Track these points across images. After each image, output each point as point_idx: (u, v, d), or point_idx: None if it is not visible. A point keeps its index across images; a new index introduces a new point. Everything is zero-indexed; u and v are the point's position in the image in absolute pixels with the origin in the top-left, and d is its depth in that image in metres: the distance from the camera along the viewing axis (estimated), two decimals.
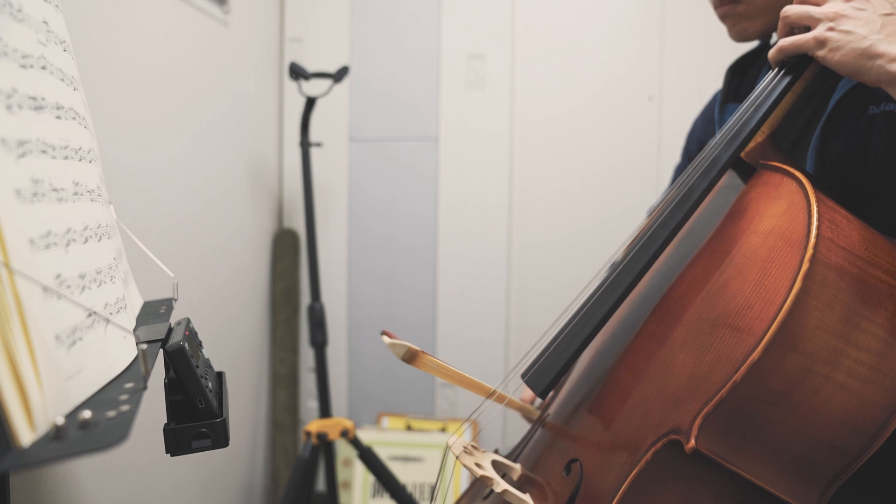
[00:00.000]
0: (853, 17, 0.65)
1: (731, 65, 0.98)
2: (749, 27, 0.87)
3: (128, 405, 0.43)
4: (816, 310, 0.57)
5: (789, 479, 0.60)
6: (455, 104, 1.84)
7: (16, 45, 0.46)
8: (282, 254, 1.87)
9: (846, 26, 0.64)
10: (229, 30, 1.59)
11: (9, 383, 0.37)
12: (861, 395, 0.58)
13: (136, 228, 0.71)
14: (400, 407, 1.92)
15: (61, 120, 0.51)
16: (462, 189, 1.85)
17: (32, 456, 0.37)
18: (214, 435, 0.54)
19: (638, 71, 1.76)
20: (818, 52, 0.66)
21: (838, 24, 0.65)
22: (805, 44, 0.67)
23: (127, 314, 0.57)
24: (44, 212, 0.44)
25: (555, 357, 0.72)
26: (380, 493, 1.76)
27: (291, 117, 1.92)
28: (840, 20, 0.65)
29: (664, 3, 1.74)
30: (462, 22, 1.83)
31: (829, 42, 0.65)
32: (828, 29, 0.65)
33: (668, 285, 0.73)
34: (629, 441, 0.65)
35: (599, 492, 0.66)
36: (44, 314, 0.41)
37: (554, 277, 1.82)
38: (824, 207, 0.61)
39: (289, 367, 1.87)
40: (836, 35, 0.64)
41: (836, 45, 0.64)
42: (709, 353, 0.61)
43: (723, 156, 0.70)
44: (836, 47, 0.64)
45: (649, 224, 0.73)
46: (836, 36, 0.64)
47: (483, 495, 0.82)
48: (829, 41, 0.65)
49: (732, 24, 0.88)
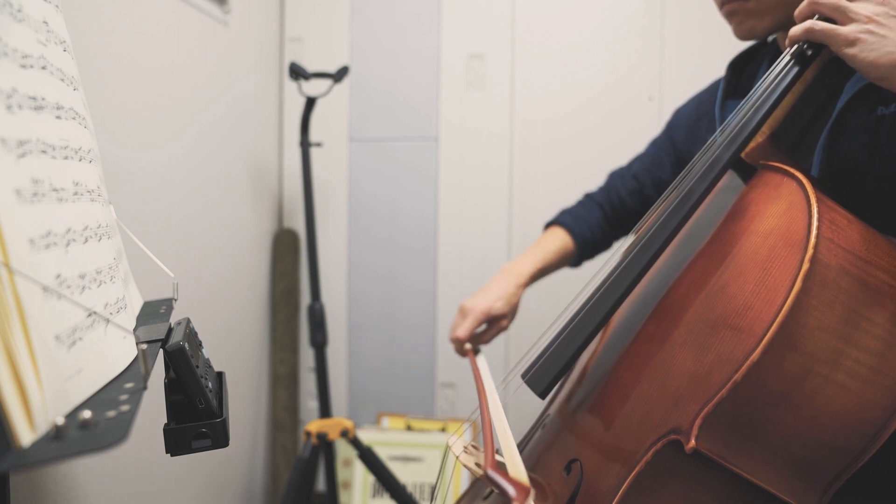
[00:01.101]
0: (886, 25, 0.65)
1: (731, 60, 0.98)
2: (757, 25, 0.85)
3: (128, 405, 0.43)
4: (817, 310, 0.57)
5: (790, 479, 0.60)
6: (455, 104, 1.84)
7: (16, 45, 0.46)
8: (282, 254, 1.87)
9: (882, 31, 0.65)
10: (229, 30, 1.59)
11: (9, 383, 0.37)
12: (861, 395, 0.58)
13: (136, 228, 0.71)
14: (400, 407, 1.92)
15: (61, 120, 0.51)
16: (462, 189, 1.85)
17: (32, 456, 0.37)
18: (214, 435, 0.54)
19: (638, 71, 1.76)
20: (847, 50, 0.66)
21: (875, 28, 0.65)
22: (836, 36, 0.67)
23: (127, 314, 0.57)
24: (44, 212, 0.44)
25: (555, 357, 0.72)
26: (380, 493, 1.76)
27: (291, 117, 1.92)
28: (874, 24, 0.65)
29: (664, 3, 1.74)
30: (462, 22, 1.83)
31: (863, 42, 0.65)
32: (864, 31, 0.65)
33: (669, 286, 0.73)
34: (629, 441, 0.65)
35: (599, 492, 0.66)
36: (44, 314, 0.41)
37: (554, 278, 1.81)
38: (825, 208, 0.61)
39: (289, 367, 1.87)
40: (872, 38, 0.65)
41: (870, 48, 0.65)
42: (709, 354, 0.61)
43: (723, 156, 0.70)
44: (871, 49, 0.65)
45: (649, 225, 0.73)
46: (872, 38, 0.65)
47: (483, 495, 0.82)
48: (864, 42, 0.65)
49: (740, 22, 0.86)
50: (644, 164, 1.16)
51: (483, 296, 1.08)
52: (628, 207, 1.18)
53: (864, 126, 0.75)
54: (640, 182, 1.15)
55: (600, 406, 0.73)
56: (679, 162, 1.10)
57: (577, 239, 1.17)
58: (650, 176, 1.14)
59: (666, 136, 1.14)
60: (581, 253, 1.19)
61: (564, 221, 1.18)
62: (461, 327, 1.06)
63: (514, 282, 1.10)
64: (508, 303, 1.08)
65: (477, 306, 1.07)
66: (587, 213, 1.19)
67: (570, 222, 1.18)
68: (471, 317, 1.06)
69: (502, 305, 1.08)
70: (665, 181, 1.12)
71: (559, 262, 1.17)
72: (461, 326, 1.06)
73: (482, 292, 1.09)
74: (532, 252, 1.15)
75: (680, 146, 1.09)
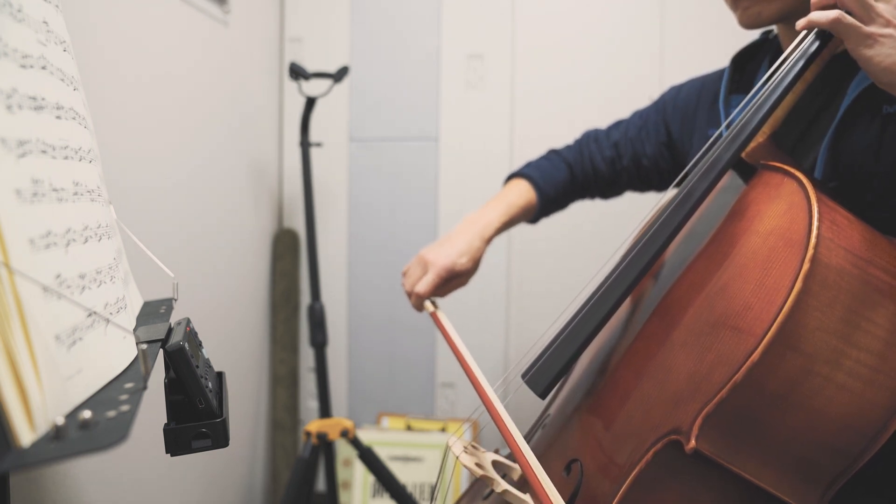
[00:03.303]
0: None
1: (734, 55, 0.96)
2: (764, 10, 0.82)
3: (128, 405, 0.43)
4: (817, 310, 0.57)
5: (790, 479, 0.60)
6: (455, 104, 1.84)
7: (16, 45, 0.46)
8: (282, 254, 1.87)
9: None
10: (229, 30, 1.59)
11: (9, 383, 0.37)
12: (862, 395, 0.58)
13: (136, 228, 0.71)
14: (400, 407, 1.92)
15: (61, 120, 0.51)
16: (462, 189, 1.85)
17: (32, 456, 0.37)
18: (214, 435, 0.54)
19: (638, 71, 1.76)
20: (864, 50, 0.65)
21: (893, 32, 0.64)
22: (859, 33, 0.65)
23: (127, 314, 0.57)
24: (44, 212, 0.44)
25: (555, 357, 0.72)
26: (380, 493, 1.76)
27: (291, 117, 1.92)
28: (893, 28, 0.64)
29: (664, 4, 1.74)
30: (462, 22, 1.83)
31: (881, 45, 0.64)
32: (883, 34, 0.64)
33: (669, 286, 0.73)
34: (629, 441, 0.65)
35: (599, 492, 0.66)
36: (44, 314, 0.41)
37: (554, 277, 1.81)
38: (825, 208, 0.61)
39: (289, 367, 1.87)
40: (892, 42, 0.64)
41: (886, 52, 0.64)
42: (709, 354, 0.61)
43: (724, 156, 0.70)
44: (887, 54, 0.64)
45: (649, 225, 0.73)
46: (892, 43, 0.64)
47: (483, 495, 0.82)
48: (883, 45, 0.64)
49: (746, 8, 0.83)
50: (627, 135, 1.12)
51: (447, 248, 1.02)
52: (601, 175, 1.14)
53: (870, 126, 0.75)
54: (618, 152, 1.12)
55: (600, 406, 0.73)
56: (669, 144, 1.08)
57: (541, 196, 1.12)
58: (631, 148, 1.11)
59: (657, 113, 1.10)
60: (541, 211, 1.14)
61: (531, 175, 1.13)
62: (422, 282, 1.01)
63: (480, 235, 1.04)
64: (473, 259, 1.03)
65: (440, 261, 1.01)
66: (554, 171, 1.14)
67: (538, 178, 1.13)
68: (433, 272, 1.00)
69: (467, 261, 1.02)
70: (646, 156, 1.09)
71: (521, 218, 1.12)
72: (423, 281, 1.01)
73: (446, 243, 1.03)
74: (498, 204, 1.09)
75: (673, 128, 1.07)
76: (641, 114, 1.13)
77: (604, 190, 1.17)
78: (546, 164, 1.16)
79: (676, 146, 1.06)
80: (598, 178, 1.15)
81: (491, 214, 1.07)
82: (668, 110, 1.09)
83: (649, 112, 1.12)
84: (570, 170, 1.15)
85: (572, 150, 1.17)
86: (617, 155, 1.12)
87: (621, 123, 1.15)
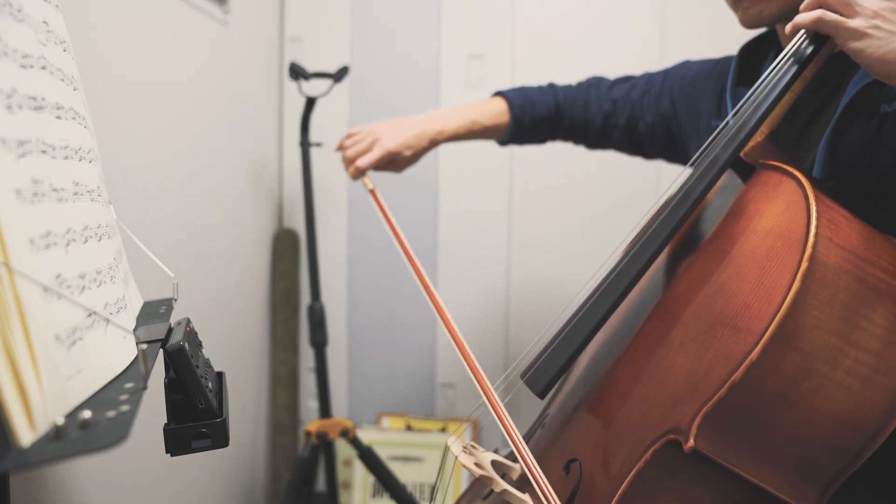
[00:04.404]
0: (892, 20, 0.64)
1: (742, 47, 0.96)
2: (765, 9, 0.83)
3: (128, 405, 0.43)
4: (815, 309, 0.57)
5: (789, 478, 0.60)
6: (455, 104, 1.84)
7: (16, 45, 0.46)
8: (282, 254, 1.87)
9: (889, 27, 0.64)
10: (229, 30, 1.59)
11: (9, 383, 0.37)
12: (860, 394, 0.58)
13: (136, 228, 0.71)
14: (400, 407, 1.92)
15: (61, 120, 0.51)
16: (462, 189, 1.85)
17: (32, 456, 0.37)
18: (214, 435, 0.54)
19: (638, 71, 1.76)
20: (853, 44, 0.65)
21: (881, 23, 0.64)
22: (845, 29, 0.65)
23: (127, 314, 0.57)
24: (44, 212, 0.44)
25: (554, 357, 0.72)
26: (380, 493, 1.76)
27: (291, 117, 1.92)
28: (880, 19, 0.64)
29: (664, 4, 1.74)
30: (462, 22, 1.83)
31: (870, 38, 0.64)
32: (871, 26, 0.64)
33: (668, 285, 0.73)
34: (628, 441, 0.66)
35: (599, 492, 0.66)
36: (44, 314, 0.41)
37: (554, 277, 1.82)
38: (823, 207, 0.61)
39: (289, 367, 1.87)
40: (879, 34, 0.64)
41: (877, 43, 0.64)
42: (708, 353, 0.61)
43: (722, 156, 0.70)
44: (878, 45, 0.64)
45: (648, 224, 0.73)
46: (879, 34, 0.64)
47: (483, 495, 0.82)
48: (872, 36, 0.64)
49: (746, 7, 0.84)
50: (630, 95, 1.12)
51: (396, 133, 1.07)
52: (592, 124, 1.14)
53: (868, 125, 0.75)
54: (616, 109, 1.12)
55: (599, 406, 0.73)
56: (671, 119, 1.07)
57: (515, 123, 1.13)
58: (630, 110, 1.11)
59: (664, 84, 1.10)
60: (511, 137, 1.16)
61: (512, 100, 1.14)
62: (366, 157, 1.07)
63: (431, 136, 1.09)
64: (415, 154, 1.09)
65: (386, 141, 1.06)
66: (540, 103, 1.14)
67: (518, 104, 1.14)
68: (377, 150, 1.06)
69: (410, 154, 1.08)
70: (643, 122, 1.09)
71: (483, 136, 1.15)
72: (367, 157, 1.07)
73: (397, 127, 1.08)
74: (463, 114, 1.13)
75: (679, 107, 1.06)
76: (649, 79, 1.13)
77: (590, 140, 1.17)
78: (535, 94, 1.16)
79: (679, 124, 1.06)
80: (588, 126, 1.15)
81: (452, 121, 1.11)
82: (675, 87, 1.08)
83: (656, 80, 1.11)
84: (557, 108, 1.15)
85: (570, 91, 1.17)
86: (614, 111, 1.12)
87: (628, 80, 1.15)
